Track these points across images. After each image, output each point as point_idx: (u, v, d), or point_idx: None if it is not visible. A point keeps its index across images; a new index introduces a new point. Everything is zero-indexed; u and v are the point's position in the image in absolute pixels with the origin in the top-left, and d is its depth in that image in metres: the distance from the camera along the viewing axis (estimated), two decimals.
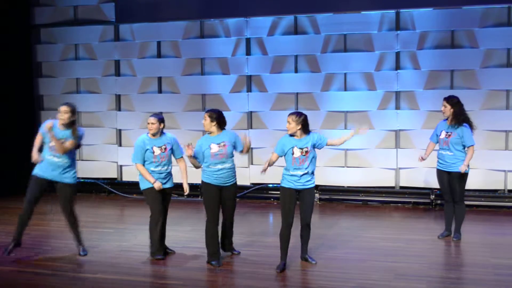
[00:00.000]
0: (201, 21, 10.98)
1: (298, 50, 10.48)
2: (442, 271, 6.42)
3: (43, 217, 9.01)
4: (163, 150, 6.80)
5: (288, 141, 6.32)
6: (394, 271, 6.29)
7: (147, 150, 6.74)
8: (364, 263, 6.60)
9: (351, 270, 6.36)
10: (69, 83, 11.83)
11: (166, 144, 6.84)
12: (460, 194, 7.43)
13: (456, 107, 7.34)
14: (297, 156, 6.24)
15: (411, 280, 5.99)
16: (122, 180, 11.55)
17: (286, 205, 6.28)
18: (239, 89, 10.83)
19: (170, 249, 7.12)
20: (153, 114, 6.93)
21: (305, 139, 6.30)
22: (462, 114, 7.36)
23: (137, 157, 6.77)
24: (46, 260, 6.86)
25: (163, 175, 6.83)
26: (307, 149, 6.25)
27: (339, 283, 5.97)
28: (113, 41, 11.48)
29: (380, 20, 10.09)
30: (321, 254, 6.97)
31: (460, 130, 7.30)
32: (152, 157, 6.74)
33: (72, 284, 6.08)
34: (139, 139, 6.83)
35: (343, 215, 9.41)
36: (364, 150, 10.26)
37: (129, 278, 6.21)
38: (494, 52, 9.63)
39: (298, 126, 6.26)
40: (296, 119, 6.27)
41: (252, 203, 10.17)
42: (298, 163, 6.24)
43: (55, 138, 6.61)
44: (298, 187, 6.29)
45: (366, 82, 10.23)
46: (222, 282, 6.20)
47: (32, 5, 11.77)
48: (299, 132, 6.29)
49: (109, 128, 11.63)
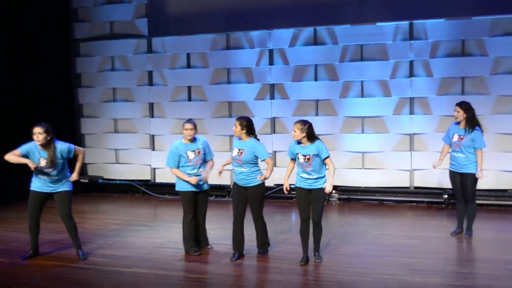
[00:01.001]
0: (227, 34, 11.02)
1: (318, 59, 10.46)
2: (455, 266, 6.36)
3: (82, 215, 9.10)
4: (197, 154, 6.80)
5: (295, 147, 6.37)
6: (409, 266, 6.24)
7: (181, 156, 6.75)
8: (381, 259, 6.55)
9: (369, 265, 6.32)
10: (106, 92, 11.94)
11: (199, 148, 6.84)
12: (471, 194, 7.35)
13: (469, 112, 7.26)
14: (301, 161, 6.27)
15: (425, 275, 5.93)
16: (155, 181, 11.61)
17: (299, 203, 6.38)
18: (263, 97, 10.83)
19: (210, 245, 7.13)
20: (188, 120, 6.91)
21: (309, 147, 6.26)
22: (474, 119, 7.29)
23: (170, 162, 6.80)
24: (87, 255, 6.87)
25: (200, 177, 6.82)
26: (309, 157, 6.22)
27: (357, 277, 5.93)
28: (146, 53, 11.56)
29: (394, 31, 10.02)
30: (340, 250, 6.96)
31: (473, 134, 7.22)
32: (187, 161, 6.75)
33: (109, 277, 6.12)
34: (173, 145, 6.83)
35: (360, 214, 9.36)
36: (381, 153, 10.19)
37: (162, 272, 6.24)
38: (502, 60, 9.51)
39: (303, 134, 6.22)
40: (300, 127, 6.23)
41: (276, 202, 10.15)
42: (303, 168, 6.28)
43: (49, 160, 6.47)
44: (307, 187, 6.32)
45: (381, 89, 10.17)
46: (247, 276, 6.20)
47: (71, 21, 11.91)
48: (304, 139, 6.27)
49: (143, 133, 11.71)
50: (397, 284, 5.70)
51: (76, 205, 9.80)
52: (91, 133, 12.07)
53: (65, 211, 6.74)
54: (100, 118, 11.99)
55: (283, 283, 5.81)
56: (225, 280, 6.03)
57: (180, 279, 6.17)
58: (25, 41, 10.95)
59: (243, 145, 6.56)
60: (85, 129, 12.09)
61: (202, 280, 6.10)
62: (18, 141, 6.86)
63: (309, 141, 6.27)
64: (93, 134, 12.08)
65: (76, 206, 7.03)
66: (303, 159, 6.24)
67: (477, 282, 5.83)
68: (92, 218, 9.10)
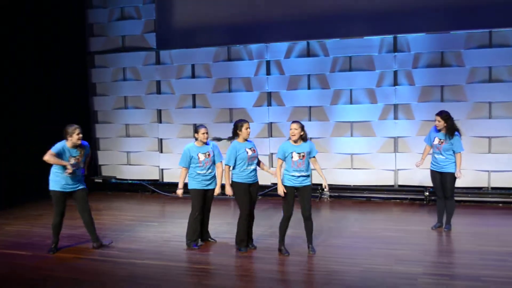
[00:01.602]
0: (228, 47, 11.05)
1: (311, 70, 10.51)
2: (436, 257, 6.40)
3: (99, 212, 9.14)
4: (207, 156, 6.84)
5: (288, 147, 6.38)
6: (395, 257, 6.29)
7: (192, 157, 6.80)
8: (369, 250, 6.60)
9: (358, 256, 6.38)
10: (118, 100, 11.98)
11: (209, 151, 6.89)
12: (450, 191, 7.39)
13: (449, 121, 7.27)
14: (296, 159, 6.30)
15: (409, 264, 5.99)
16: (163, 181, 11.65)
17: (288, 201, 6.40)
18: (261, 104, 10.87)
19: (212, 239, 7.17)
20: (201, 125, 6.97)
21: (303, 146, 6.37)
22: (454, 126, 7.29)
23: (182, 162, 6.87)
24: (102, 248, 6.95)
25: (208, 177, 6.87)
26: (303, 154, 6.33)
27: (347, 267, 5.99)
28: (154, 64, 11.60)
29: (380, 44, 10.08)
30: (331, 242, 7.01)
31: (453, 139, 7.25)
32: (197, 162, 6.79)
33: (123, 268, 6.18)
34: (187, 147, 6.88)
35: (350, 210, 9.38)
36: (368, 155, 10.25)
37: (171, 264, 6.29)
38: (477, 70, 9.57)
39: (301, 132, 6.34)
40: (299, 126, 6.34)
41: (273, 200, 10.18)
42: (297, 166, 6.31)
43: (77, 158, 6.61)
44: (297, 185, 6.36)
45: (368, 97, 10.22)
46: (247, 266, 6.25)
47: (88, 35, 11.97)
48: (299, 139, 6.36)
49: (152, 137, 11.75)
50: (383, 273, 5.75)
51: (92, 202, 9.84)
52: (105, 137, 12.11)
53: (86, 207, 6.82)
54: (113, 123, 12.03)
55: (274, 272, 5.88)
56: (226, 270, 6.09)
57: (187, 269, 6.21)
58: (46, 54, 11.05)
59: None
60: (99, 134, 12.13)
61: (207, 270, 6.15)
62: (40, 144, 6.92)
63: (302, 140, 6.37)
64: (107, 138, 12.11)
65: (92, 204, 7.07)
66: (297, 157, 6.28)
67: (455, 271, 5.89)
68: (108, 215, 9.14)
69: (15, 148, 10.37)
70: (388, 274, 5.71)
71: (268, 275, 5.87)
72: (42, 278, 5.92)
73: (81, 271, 6.12)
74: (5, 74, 10.29)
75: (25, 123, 10.53)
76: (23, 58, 10.54)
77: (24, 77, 10.56)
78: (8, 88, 10.39)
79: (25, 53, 10.57)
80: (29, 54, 10.64)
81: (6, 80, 10.33)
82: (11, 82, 10.46)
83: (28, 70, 10.64)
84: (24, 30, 10.58)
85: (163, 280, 5.75)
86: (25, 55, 10.57)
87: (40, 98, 10.96)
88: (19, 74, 10.47)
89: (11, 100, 10.42)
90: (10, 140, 10.30)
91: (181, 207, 9.79)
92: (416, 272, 5.73)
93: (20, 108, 10.52)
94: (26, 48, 10.59)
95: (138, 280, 5.80)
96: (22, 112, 10.53)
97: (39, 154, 6.60)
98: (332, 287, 5.43)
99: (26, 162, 10.01)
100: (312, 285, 5.49)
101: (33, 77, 10.77)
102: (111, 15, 11.85)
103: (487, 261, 6.07)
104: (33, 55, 10.76)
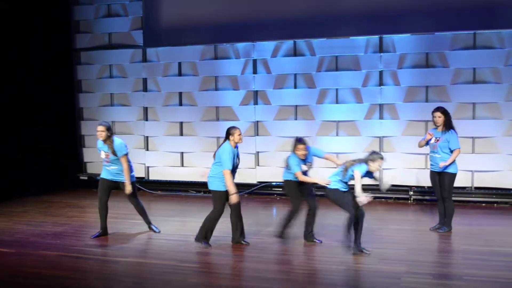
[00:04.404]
0: (215, 45, 11.01)
1: (297, 69, 10.50)
2: (419, 255, 6.37)
3: (83, 210, 9.04)
4: (238, 158, 6.71)
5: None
6: (379, 255, 6.28)
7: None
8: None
9: (343, 255, 6.35)
10: (104, 97, 11.88)
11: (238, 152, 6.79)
12: (448, 192, 7.25)
13: (447, 115, 7.22)
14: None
15: (393, 263, 5.99)
16: (149, 179, 11.57)
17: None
18: (247, 102, 10.84)
19: (245, 241, 6.86)
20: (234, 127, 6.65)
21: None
22: (451, 121, 7.24)
23: (229, 164, 6.50)
24: (87, 246, 6.88)
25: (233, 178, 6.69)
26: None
27: (332, 265, 5.97)
28: (141, 62, 11.51)
29: (366, 44, 10.10)
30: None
31: (448, 135, 7.16)
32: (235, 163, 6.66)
33: (107, 267, 6.12)
34: (229, 149, 6.52)
35: (335, 209, 9.32)
36: (353, 154, 10.23)
37: (156, 262, 6.22)
38: (462, 71, 9.63)
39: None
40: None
41: (258, 198, 10.16)
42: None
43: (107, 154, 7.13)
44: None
45: (354, 96, 10.23)
46: (234, 265, 6.22)
47: (74, 32, 11.84)
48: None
49: (138, 135, 11.66)
50: (367, 272, 5.76)
51: (77, 200, 9.79)
52: (91, 134, 11.96)
53: (133, 196, 7.20)
54: (99, 121, 11.84)
55: (260, 270, 5.84)
56: (214, 269, 6.07)
57: (172, 268, 6.11)
58: (31, 50, 10.89)
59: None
60: (85, 131, 12.01)
61: (192, 268, 6.08)
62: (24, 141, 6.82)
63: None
64: (92, 135, 11.97)
65: (77, 201, 7.03)
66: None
67: (438, 270, 5.92)
68: (93, 212, 9.01)
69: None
70: (372, 273, 5.71)
71: (253, 273, 5.83)
72: (23, 275, 5.80)
73: (64, 269, 6.02)
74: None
75: (8, 120, 10.37)
76: (7, 55, 10.37)
77: (8, 74, 10.40)
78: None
79: (9, 50, 10.40)
80: (13, 51, 10.47)
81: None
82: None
83: (13, 67, 10.48)
84: (9, 26, 10.42)
85: (147, 278, 5.68)
86: (10, 52, 10.40)
87: (25, 95, 10.80)
88: (2, 71, 10.31)
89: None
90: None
91: (167, 205, 9.75)
92: (400, 271, 5.72)
93: (3, 105, 10.34)
94: (11, 45, 10.42)
95: (121, 277, 5.73)
96: (5, 109, 10.36)
97: (22, 151, 6.51)
98: (316, 286, 5.41)
99: (7, 159, 9.86)
100: (296, 284, 5.46)
101: (17, 74, 10.61)
102: (98, 12, 11.73)
103: (470, 260, 6.09)
104: (18, 51, 10.59)
